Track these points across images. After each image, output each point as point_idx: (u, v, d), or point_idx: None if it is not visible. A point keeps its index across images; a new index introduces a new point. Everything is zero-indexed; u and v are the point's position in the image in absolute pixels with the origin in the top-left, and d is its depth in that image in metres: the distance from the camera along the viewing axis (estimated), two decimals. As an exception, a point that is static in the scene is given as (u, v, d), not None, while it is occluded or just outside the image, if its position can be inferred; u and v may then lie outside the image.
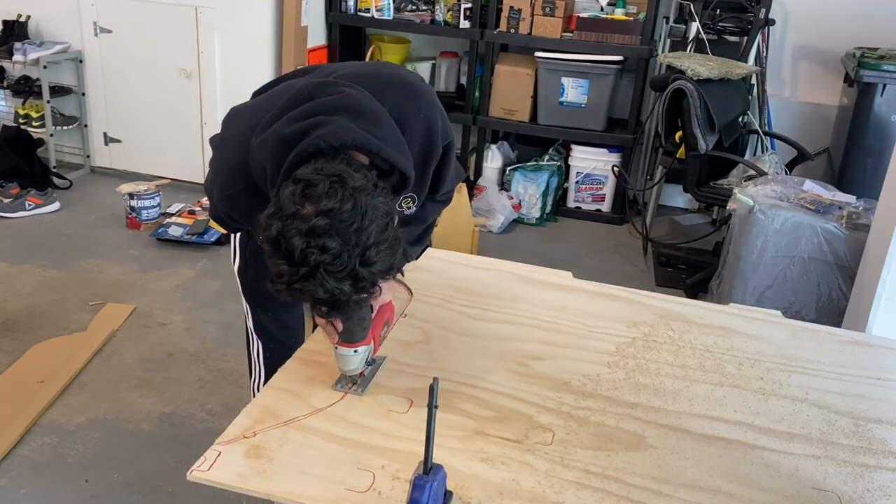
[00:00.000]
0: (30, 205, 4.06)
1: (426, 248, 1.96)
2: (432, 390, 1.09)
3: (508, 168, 4.52)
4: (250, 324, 1.82)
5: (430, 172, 1.47)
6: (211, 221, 3.45)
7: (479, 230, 3.92)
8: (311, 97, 1.32)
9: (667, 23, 4.24)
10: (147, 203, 3.97)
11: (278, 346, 1.79)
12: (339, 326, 1.38)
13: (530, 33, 4.30)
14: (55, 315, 3.12)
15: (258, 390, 1.77)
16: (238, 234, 1.73)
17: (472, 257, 2.11)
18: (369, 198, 1.17)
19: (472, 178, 4.59)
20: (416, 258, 1.68)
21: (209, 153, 1.63)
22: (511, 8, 4.28)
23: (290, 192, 1.15)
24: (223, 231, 3.24)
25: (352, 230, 1.13)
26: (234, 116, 1.51)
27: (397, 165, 1.30)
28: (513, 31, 4.32)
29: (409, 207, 1.53)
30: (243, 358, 1.99)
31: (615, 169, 4.36)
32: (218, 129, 1.60)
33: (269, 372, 1.75)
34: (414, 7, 4.58)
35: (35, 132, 4.41)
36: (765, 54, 4.18)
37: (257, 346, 1.82)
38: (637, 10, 4.31)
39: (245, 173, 1.36)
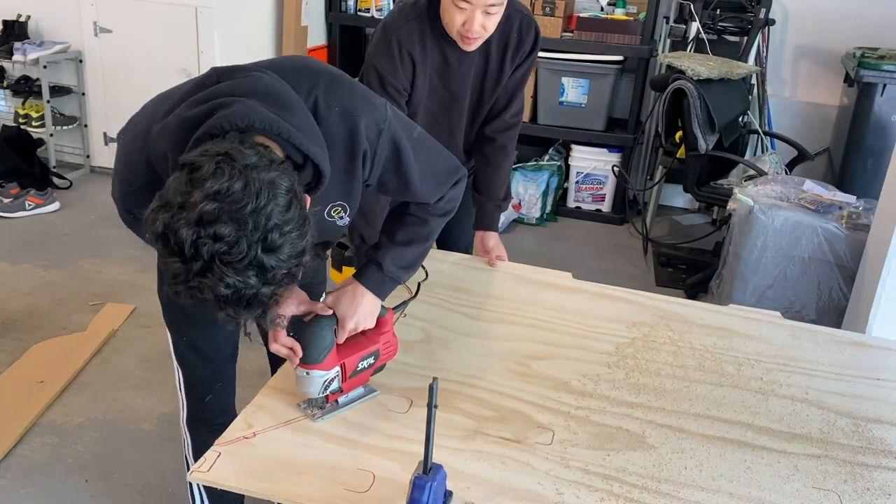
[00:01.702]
0: (30, 205, 4.06)
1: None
2: (432, 390, 1.09)
3: (508, 168, 4.51)
4: (171, 350, 1.66)
5: (357, 171, 1.30)
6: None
7: (479, 230, 3.91)
8: (218, 80, 1.20)
9: (667, 23, 4.24)
10: (147, 203, 3.97)
11: (197, 378, 1.66)
12: (298, 350, 1.33)
13: (530, 33, 4.29)
14: (55, 315, 3.12)
15: (185, 425, 1.71)
16: None
17: (472, 257, 2.11)
18: (265, 173, 1.01)
19: (472, 178, 4.59)
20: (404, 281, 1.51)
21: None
22: (511, 8, 4.28)
23: (174, 179, 1.02)
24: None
25: (246, 212, 0.98)
26: (143, 107, 1.35)
27: (310, 154, 1.15)
28: (513, 31, 4.32)
29: (340, 217, 1.38)
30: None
31: (615, 169, 4.36)
32: None
33: (192, 404, 1.68)
34: (414, 7, 4.57)
35: (35, 132, 4.41)
36: (765, 54, 4.18)
37: (178, 375, 1.67)
38: (637, 10, 4.32)
39: (146, 167, 1.21)
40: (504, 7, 1.77)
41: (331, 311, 1.37)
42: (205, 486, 1.66)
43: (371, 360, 1.42)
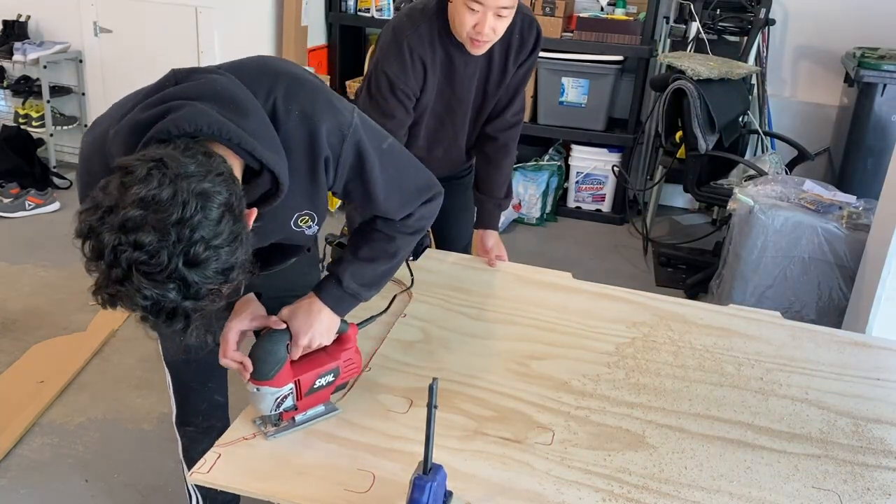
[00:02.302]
0: (30, 205, 4.06)
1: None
2: (432, 390, 1.09)
3: (508, 168, 4.51)
4: (160, 352, 1.66)
5: (320, 178, 1.24)
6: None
7: (479, 230, 3.91)
8: (176, 82, 1.16)
9: (667, 23, 4.24)
10: (147, 203, 3.97)
11: (185, 381, 1.64)
12: (248, 365, 1.27)
13: (530, 33, 4.29)
14: (55, 315, 3.12)
15: (175, 425, 1.71)
16: None
17: (472, 257, 2.11)
18: (197, 184, 0.96)
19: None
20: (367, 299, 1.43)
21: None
22: (511, 8, 4.27)
23: (108, 181, 0.98)
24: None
25: (170, 222, 0.93)
26: (109, 108, 1.31)
27: (264, 161, 1.10)
28: (513, 31, 4.32)
29: (308, 227, 1.32)
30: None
31: (615, 169, 4.36)
32: None
33: (180, 406, 1.67)
34: (414, 7, 4.57)
35: (35, 132, 4.41)
36: (765, 54, 4.18)
37: (168, 377, 1.66)
38: (637, 10, 4.31)
39: (104, 171, 1.13)
40: (514, 11, 1.76)
41: (284, 325, 1.31)
42: (197, 485, 1.66)
43: (330, 378, 1.36)
